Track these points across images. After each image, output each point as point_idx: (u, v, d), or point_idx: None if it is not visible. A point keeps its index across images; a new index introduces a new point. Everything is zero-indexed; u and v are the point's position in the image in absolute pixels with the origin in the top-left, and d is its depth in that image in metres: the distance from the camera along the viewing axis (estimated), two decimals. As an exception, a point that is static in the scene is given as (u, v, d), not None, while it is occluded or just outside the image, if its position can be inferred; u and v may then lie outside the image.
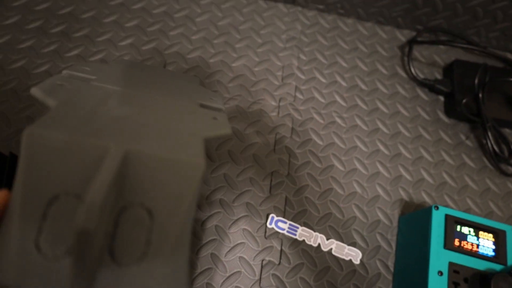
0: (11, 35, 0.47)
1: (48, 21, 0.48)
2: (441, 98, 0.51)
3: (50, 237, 0.14)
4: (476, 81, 0.48)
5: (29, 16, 0.48)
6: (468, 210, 0.44)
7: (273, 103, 0.47)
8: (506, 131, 0.49)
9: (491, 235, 0.36)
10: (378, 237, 0.42)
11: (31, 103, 0.43)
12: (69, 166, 0.15)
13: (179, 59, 0.48)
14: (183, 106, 0.23)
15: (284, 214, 0.41)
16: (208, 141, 0.20)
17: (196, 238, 0.39)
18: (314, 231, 0.41)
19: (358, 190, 0.44)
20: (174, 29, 0.50)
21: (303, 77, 0.49)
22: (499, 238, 0.36)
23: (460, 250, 0.35)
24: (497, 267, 0.35)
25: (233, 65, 0.49)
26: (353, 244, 0.41)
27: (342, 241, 0.41)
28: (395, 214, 0.43)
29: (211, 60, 0.49)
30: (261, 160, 0.43)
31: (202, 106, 0.25)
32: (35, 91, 0.20)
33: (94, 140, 0.16)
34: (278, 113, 0.46)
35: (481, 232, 0.36)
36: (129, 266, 0.15)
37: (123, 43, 0.48)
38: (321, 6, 0.54)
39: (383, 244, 0.41)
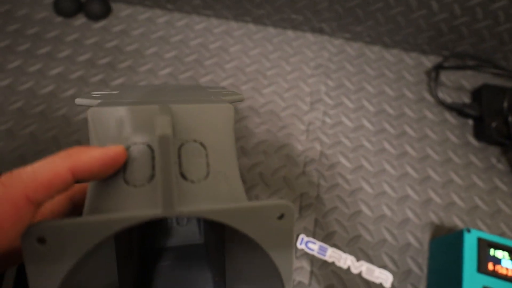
0: (63, 67, 0.52)
1: (95, 54, 0.53)
2: (470, 122, 0.51)
3: (133, 172, 0.19)
4: (505, 104, 0.48)
5: (80, 50, 0.53)
6: (502, 235, 0.43)
7: (302, 127, 0.49)
8: (540, 154, 0.48)
9: (526, 259, 0.35)
10: (409, 260, 0.42)
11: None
12: (130, 125, 0.21)
13: (213, 87, 0.51)
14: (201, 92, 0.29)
15: (313, 235, 0.42)
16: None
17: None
18: (344, 253, 0.41)
19: (388, 212, 0.44)
20: (209, 59, 0.54)
21: (331, 102, 0.51)
22: (535, 263, 0.35)
23: (495, 274, 0.35)
24: (535, 292, 0.34)
25: (264, 91, 0.51)
26: (384, 267, 0.41)
27: (372, 264, 0.41)
28: (426, 238, 0.43)
29: (243, 87, 0.51)
30: (291, 182, 0.45)
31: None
32: (79, 101, 0.24)
33: (144, 105, 0.21)
34: (307, 136, 0.48)
35: (516, 256, 0.35)
36: (199, 183, 0.20)
37: (163, 72, 0.52)
38: (347, 35, 0.56)
39: (414, 268, 0.41)
